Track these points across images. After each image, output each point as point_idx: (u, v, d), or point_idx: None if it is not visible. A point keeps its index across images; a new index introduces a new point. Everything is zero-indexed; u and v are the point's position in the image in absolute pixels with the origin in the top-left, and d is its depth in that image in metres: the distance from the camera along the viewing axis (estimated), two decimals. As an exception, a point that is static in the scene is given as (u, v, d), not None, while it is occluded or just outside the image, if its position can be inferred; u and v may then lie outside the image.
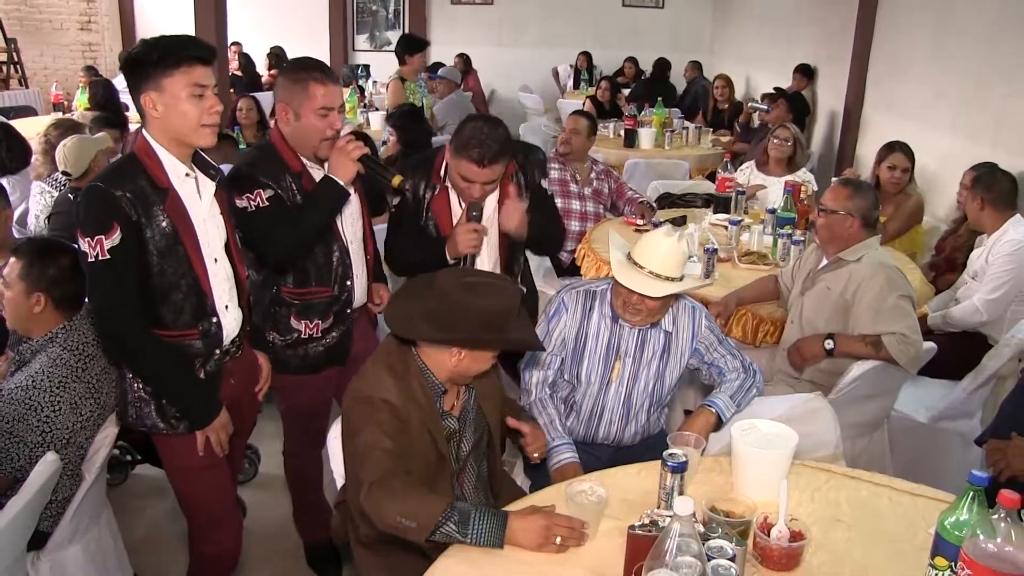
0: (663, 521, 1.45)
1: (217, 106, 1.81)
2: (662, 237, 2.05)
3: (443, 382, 1.79)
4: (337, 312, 2.33)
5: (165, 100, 1.77)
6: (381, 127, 6.15)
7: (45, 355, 2.04)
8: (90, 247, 1.75)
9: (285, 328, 2.31)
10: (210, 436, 1.96)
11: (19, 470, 1.95)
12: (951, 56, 4.83)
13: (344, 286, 2.31)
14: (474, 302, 1.68)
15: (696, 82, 8.56)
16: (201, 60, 1.80)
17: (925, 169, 4.74)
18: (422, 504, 1.55)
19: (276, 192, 2.17)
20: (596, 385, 2.22)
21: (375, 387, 1.72)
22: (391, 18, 10.68)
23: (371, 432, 1.67)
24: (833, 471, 1.86)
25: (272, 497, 2.97)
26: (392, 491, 1.58)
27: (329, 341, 2.35)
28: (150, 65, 1.76)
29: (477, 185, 2.29)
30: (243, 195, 2.14)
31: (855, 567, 1.53)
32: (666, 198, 4.50)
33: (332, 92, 2.16)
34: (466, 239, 2.30)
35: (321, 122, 2.15)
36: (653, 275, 2.02)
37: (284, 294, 2.30)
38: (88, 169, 3.48)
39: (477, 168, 2.25)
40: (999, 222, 3.19)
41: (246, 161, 2.29)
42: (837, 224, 2.61)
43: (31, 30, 9.40)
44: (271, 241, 2.15)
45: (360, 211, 2.38)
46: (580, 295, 2.23)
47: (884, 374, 2.50)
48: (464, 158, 2.24)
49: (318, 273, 2.27)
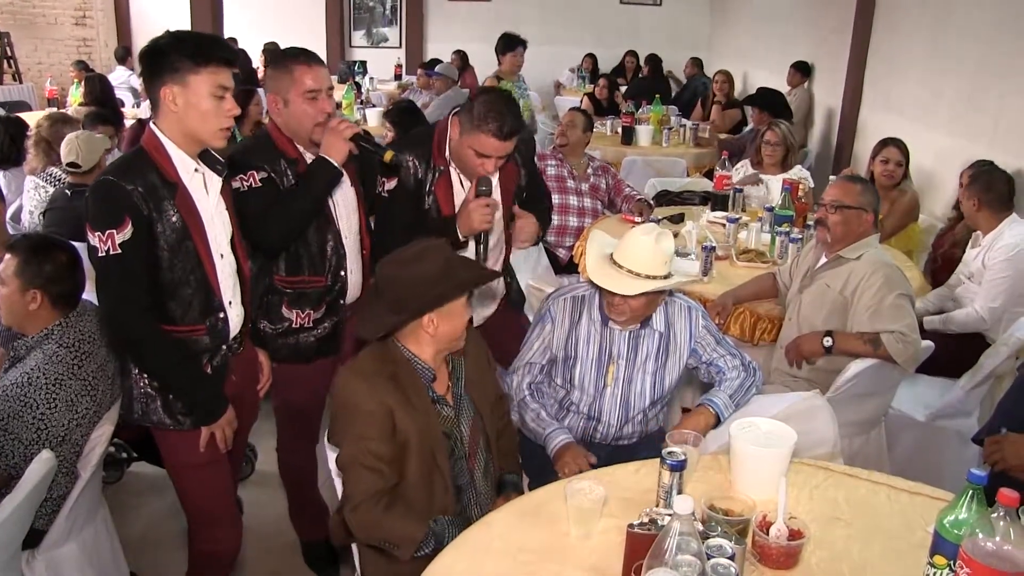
0: (662, 519, 1.45)
1: (235, 109, 1.82)
2: (639, 236, 2.03)
3: (431, 365, 1.81)
4: (330, 303, 2.32)
5: (187, 96, 1.77)
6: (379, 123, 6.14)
7: (41, 352, 2.03)
8: (101, 241, 1.74)
9: (276, 317, 2.30)
10: (215, 432, 1.97)
11: (14, 467, 1.93)
12: (948, 55, 4.83)
13: (338, 276, 2.30)
14: (415, 270, 1.74)
15: (696, 79, 8.55)
16: (227, 63, 1.81)
17: (922, 168, 4.75)
18: (403, 530, 1.69)
19: (270, 175, 2.16)
20: (591, 389, 2.21)
21: (353, 396, 1.73)
22: (388, 14, 10.66)
23: (351, 445, 1.71)
24: (831, 469, 1.86)
25: (269, 495, 2.96)
26: (374, 517, 1.69)
27: (321, 332, 2.33)
28: (178, 58, 1.75)
29: (492, 160, 2.24)
30: (236, 176, 2.12)
31: (853, 565, 1.53)
32: (664, 195, 4.50)
33: (317, 73, 2.16)
34: (481, 215, 2.26)
35: (311, 106, 2.14)
36: (631, 274, 2.00)
37: (276, 282, 2.28)
38: (96, 165, 3.46)
39: (498, 141, 2.20)
40: (995, 222, 3.20)
41: (240, 147, 2.29)
42: (854, 219, 2.60)
43: (25, 24, 9.35)
44: (263, 222, 2.12)
45: (356, 205, 2.36)
46: (568, 303, 2.21)
47: (882, 372, 2.50)
48: (484, 132, 2.19)
49: (311, 261, 2.25)
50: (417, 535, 1.64)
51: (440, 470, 1.79)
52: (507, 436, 2.07)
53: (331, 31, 10.18)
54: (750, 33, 8.95)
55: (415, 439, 1.75)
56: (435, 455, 1.78)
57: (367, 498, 1.69)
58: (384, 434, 1.72)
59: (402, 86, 8.87)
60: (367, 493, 1.69)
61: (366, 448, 1.70)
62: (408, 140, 2.53)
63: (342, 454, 1.74)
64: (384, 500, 1.71)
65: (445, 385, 1.87)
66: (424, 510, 1.77)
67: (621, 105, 7.04)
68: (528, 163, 2.58)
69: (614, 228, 3.67)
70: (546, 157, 3.99)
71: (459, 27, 10.35)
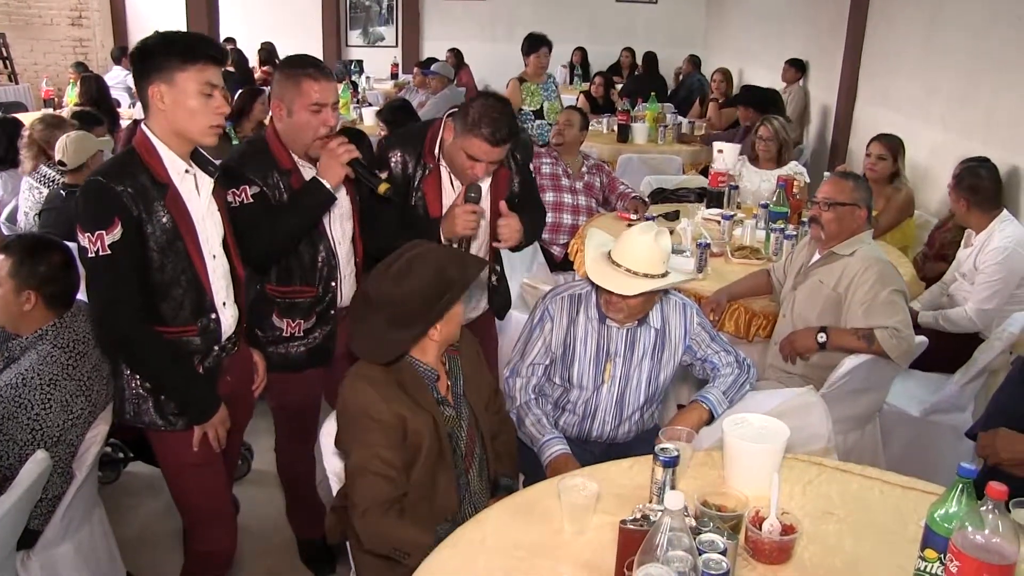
0: (654, 515, 1.45)
1: (224, 107, 1.82)
2: (637, 235, 2.03)
3: (433, 366, 1.81)
4: (320, 312, 2.32)
5: (174, 94, 1.77)
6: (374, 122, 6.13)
7: (35, 352, 2.03)
8: (90, 242, 1.74)
9: (267, 325, 2.30)
10: (208, 432, 1.96)
11: (9, 468, 1.93)
12: (942, 51, 4.84)
13: (328, 287, 2.30)
14: (409, 285, 1.71)
15: (692, 76, 8.55)
16: (215, 60, 1.81)
17: (916, 164, 4.75)
18: (413, 538, 1.66)
19: (262, 189, 2.16)
20: (588, 387, 2.21)
21: (364, 404, 1.71)
22: (384, 13, 10.65)
23: (361, 452, 1.70)
24: (825, 465, 1.86)
25: (265, 494, 2.97)
26: (383, 525, 1.67)
27: (311, 342, 2.33)
28: (165, 57, 1.76)
29: (483, 164, 2.23)
30: (229, 190, 2.12)
31: (846, 560, 1.53)
32: (659, 193, 4.50)
33: (325, 89, 2.14)
34: (466, 220, 2.24)
35: (314, 118, 2.14)
36: (629, 272, 2.00)
37: (268, 291, 2.29)
38: (84, 165, 3.47)
39: (489, 147, 2.19)
40: (986, 221, 3.20)
41: (236, 155, 2.27)
42: (847, 216, 2.61)
43: (21, 25, 9.34)
44: (250, 239, 2.11)
45: (351, 212, 2.35)
46: (565, 301, 2.21)
47: (876, 368, 2.51)
48: (476, 136, 2.18)
49: (302, 272, 2.26)
50: (427, 541, 1.60)
51: (446, 471, 1.79)
52: (504, 438, 2.05)
53: (327, 30, 10.17)
54: (746, 30, 8.95)
55: (426, 442, 1.74)
56: (442, 456, 1.78)
57: (375, 505, 1.67)
58: (395, 442, 1.71)
59: (398, 85, 8.87)
60: (376, 500, 1.67)
61: (377, 455, 1.68)
62: (400, 136, 2.51)
63: (352, 461, 1.71)
64: (394, 508, 1.70)
65: (445, 385, 1.87)
66: (427, 513, 1.76)
67: (617, 103, 7.04)
68: (523, 170, 2.55)
69: (610, 226, 3.68)
70: (541, 155, 4.00)
71: (455, 26, 10.35)
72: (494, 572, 1.49)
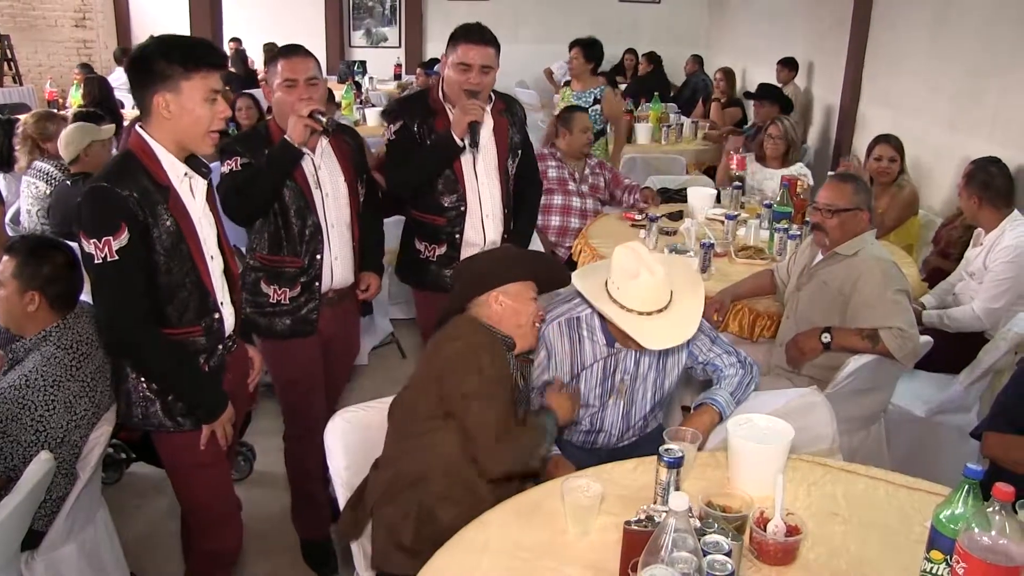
0: (659, 516, 1.44)
1: (225, 112, 1.83)
2: (637, 282, 1.92)
3: (508, 334, 1.94)
4: (305, 284, 2.41)
5: (181, 102, 1.77)
6: (378, 123, 6.13)
7: (39, 354, 2.03)
8: (97, 249, 1.73)
9: (255, 291, 2.42)
10: (216, 429, 1.97)
11: (13, 470, 1.94)
12: (947, 50, 4.82)
13: (314, 259, 2.39)
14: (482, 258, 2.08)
15: (696, 76, 8.53)
16: (217, 66, 1.82)
17: (921, 163, 4.74)
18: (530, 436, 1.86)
19: (250, 161, 2.30)
20: (595, 405, 2.21)
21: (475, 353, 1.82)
22: (387, 14, 10.65)
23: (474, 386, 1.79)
24: (829, 465, 1.86)
25: (268, 494, 2.97)
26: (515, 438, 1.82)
27: (295, 310, 2.42)
28: (167, 65, 1.75)
29: (475, 70, 2.50)
30: (223, 162, 2.30)
31: (851, 561, 1.52)
32: (663, 193, 4.49)
33: (295, 64, 2.30)
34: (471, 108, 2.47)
35: (288, 94, 2.28)
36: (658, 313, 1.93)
37: (258, 259, 2.43)
38: (77, 157, 3.48)
39: (476, 46, 2.49)
40: (997, 220, 3.17)
41: (232, 137, 2.46)
42: (850, 221, 2.60)
43: (25, 27, 9.36)
44: (234, 199, 2.27)
45: (348, 199, 2.45)
46: (563, 326, 2.15)
47: (881, 368, 2.50)
48: (463, 41, 2.51)
49: (290, 243, 2.37)
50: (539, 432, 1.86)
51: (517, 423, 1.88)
52: None
53: (330, 31, 10.18)
54: (748, 30, 8.94)
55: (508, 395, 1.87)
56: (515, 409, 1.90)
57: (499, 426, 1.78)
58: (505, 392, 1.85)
59: (401, 86, 8.87)
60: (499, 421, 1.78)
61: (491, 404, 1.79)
62: (405, 99, 2.81)
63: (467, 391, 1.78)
64: None
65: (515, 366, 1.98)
66: None
67: (620, 103, 7.02)
68: (521, 125, 2.76)
69: (613, 227, 3.68)
70: (546, 158, 3.99)
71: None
72: (498, 573, 1.48)
